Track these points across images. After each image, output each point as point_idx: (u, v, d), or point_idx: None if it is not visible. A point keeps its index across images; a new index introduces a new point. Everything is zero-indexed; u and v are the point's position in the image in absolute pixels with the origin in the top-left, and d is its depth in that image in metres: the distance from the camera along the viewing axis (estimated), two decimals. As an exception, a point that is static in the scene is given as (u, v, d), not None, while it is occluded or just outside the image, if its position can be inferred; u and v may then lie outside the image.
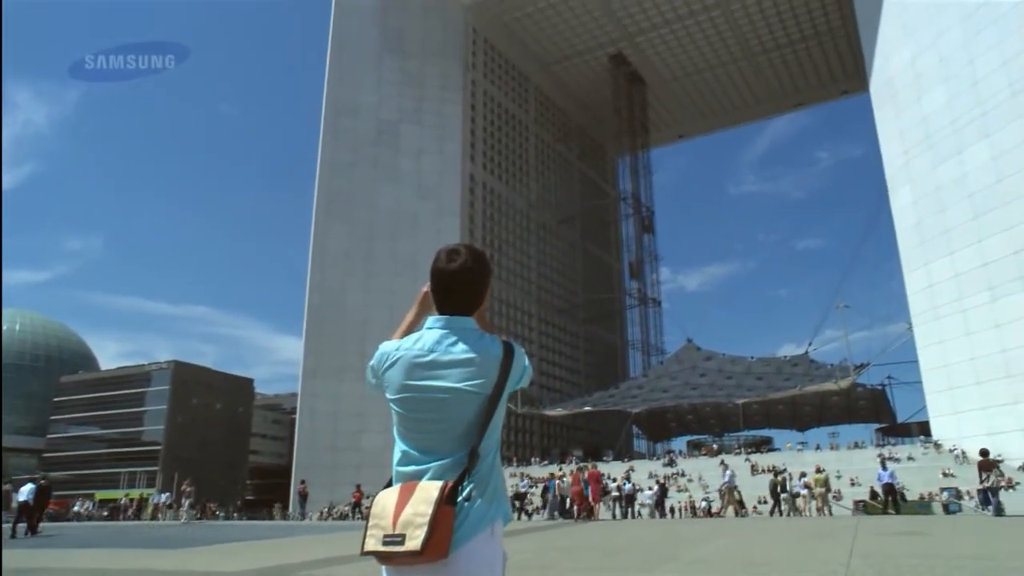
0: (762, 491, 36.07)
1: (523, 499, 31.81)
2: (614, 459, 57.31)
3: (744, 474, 45.08)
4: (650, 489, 32.29)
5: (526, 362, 2.20)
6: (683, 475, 47.67)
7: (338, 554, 10.91)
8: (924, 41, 47.35)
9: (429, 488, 1.92)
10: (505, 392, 2.08)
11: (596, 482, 24.64)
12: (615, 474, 37.14)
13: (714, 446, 63.92)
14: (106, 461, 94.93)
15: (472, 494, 1.97)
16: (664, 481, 37.53)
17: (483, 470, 2.02)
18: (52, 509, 34.18)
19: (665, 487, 32.72)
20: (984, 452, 21.20)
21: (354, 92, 69.60)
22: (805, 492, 26.80)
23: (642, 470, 47.33)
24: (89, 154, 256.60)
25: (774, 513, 27.03)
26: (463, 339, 2.09)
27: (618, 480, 30.67)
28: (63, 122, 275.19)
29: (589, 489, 23.98)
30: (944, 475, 38.98)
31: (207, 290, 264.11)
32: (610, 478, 33.29)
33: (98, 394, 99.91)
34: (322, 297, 64.03)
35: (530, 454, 69.53)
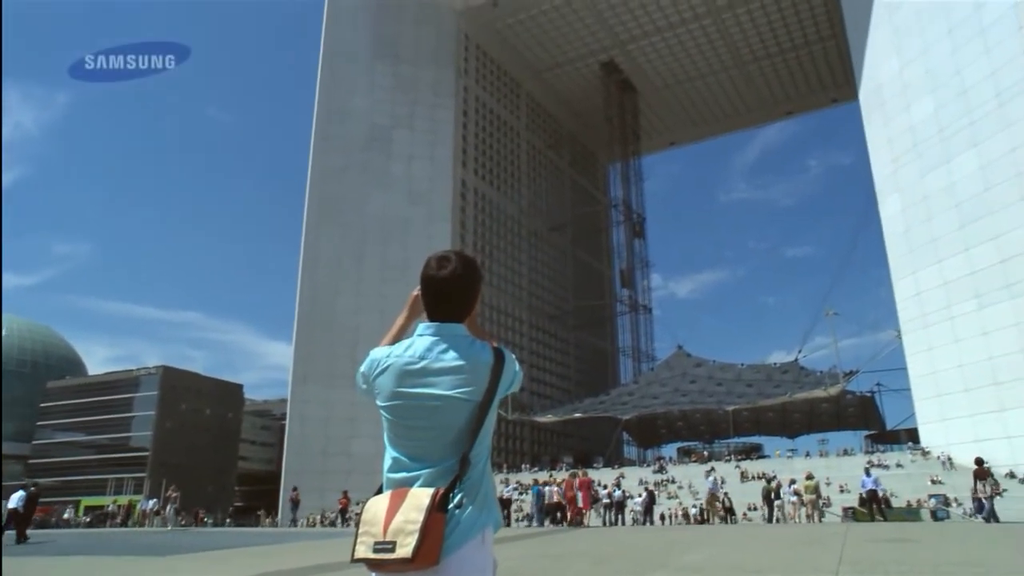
0: (752, 498, 36.21)
1: (508, 505, 31.73)
2: (604, 466, 57.32)
3: (734, 481, 45.21)
4: (639, 496, 32.26)
5: (516, 367, 2.20)
6: (673, 482, 47.72)
7: (327, 561, 10.84)
8: (912, 51, 47.82)
9: (420, 495, 1.91)
10: (496, 399, 2.08)
11: (587, 489, 24.61)
12: (605, 481, 37.10)
13: (704, 453, 63.98)
14: (93, 467, 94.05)
15: (463, 501, 1.97)
16: (652, 488, 37.46)
17: (474, 477, 2.02)
18: (37, 516, 33.82)
19: (653, 494, 32.70)
20: (979, 461, 21.36)
21: (346, 97, 69.58)
22: (795, 499, 26.88)
23: (632, 477, 47.33)
24: (78, 158, 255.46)
25: (772, 519, 27.19)
26: (454, 346, 2.09)
27: (609, 487, 30.64)
28: (52, 125, 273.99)
29: (580, 496, 23.96)
30: (932, 482, 39.21)
31: (197, 295, 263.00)
32: (601, 485, 33.25)
33: (85, 399, 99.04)
34: (313, 302, 63.82)
35: (520, 460, 69.45)
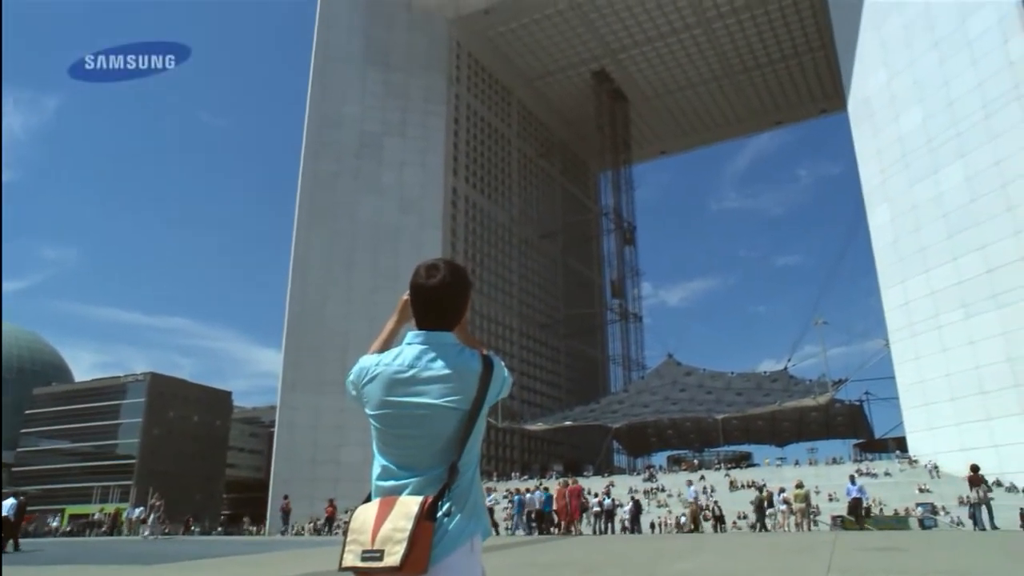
0: (741, 506, 36.25)
1: (491, 514, 31.64)
2: (594, 474, 57.22)
3: (724, 489, 45.28)
4: (628, 504, 32.21)
5: (505, 373, 2.20)
6: (663, 490, 47.70)
7: (315, 569, 10.77)
8: (900, 63, 48.32)
9: (409, 503, 1.91)
10: (484, 407, 2.08)
11: (576, 497, 24.59)
12: (595, 489, 37.02)
13: (694, 461, 64.05)
14: (78, 475, 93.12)
15: (451, 509, 1.97)
16: (637, 497, 37.40)
17: (463, 485, 2.02)
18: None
19: (639, 503, 32.64)
20: (974, 468, 21.54)
21: (338, 104, 69.53)
22: (784, 508, 26.94)
23: (622, 485, 47.28)
24: (67, 162, 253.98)
25: (762, 528, 27.26)
26: (443, 355, 2.09)
27: (599, 495, 30.59)
28: (40, 129, 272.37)
29: (570, 504, 23.95)
30: (920, 491, 39.38)
31: (186, 301, 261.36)
32: (591, 493, 33.18)
33: (72, 406, 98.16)
34: (302, 309, 63.54)
35: (510, 468, 69.28)
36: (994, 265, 40.09)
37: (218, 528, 67.10)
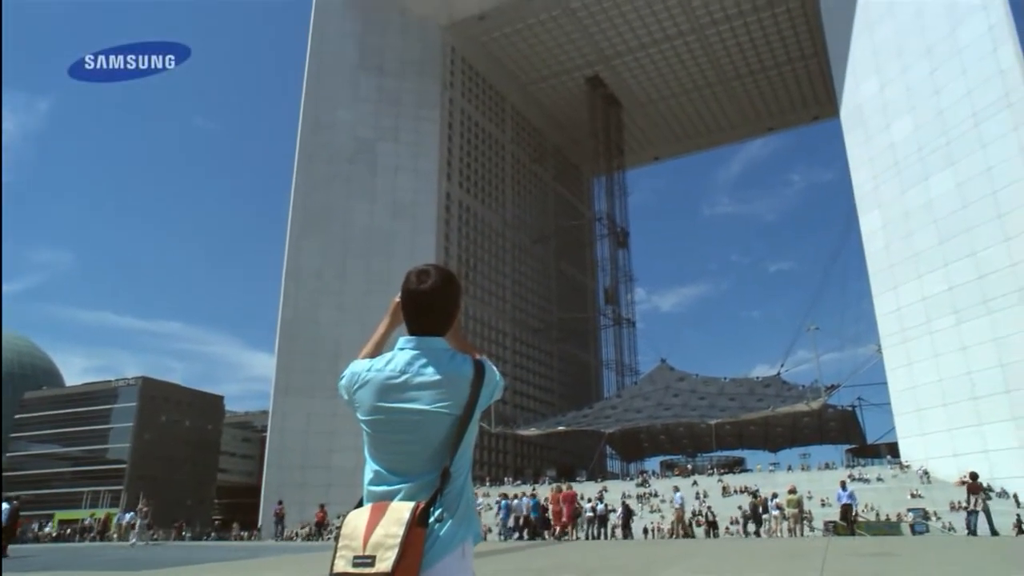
0: (734, 512, 36.26)
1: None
2: (587, 479, 57.21)
3: (716, 495, 45.33)
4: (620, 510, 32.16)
5: (497, 377, 2.20)
6: (656, 495, 47.69)
7: (307, 576, 10.72)
8: (892, 71, 48.67)
9: (401, 509, 1.90)
10: (476, 412, 2.08)
11: (570, 503, 24.54)
12: (588, 494, 36.99)
13: (688, 466, 64.10)
14: (68, 480, 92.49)
15: (443, 515, 1.96)
16: (627, 502, 37.31)
17: (454, 490, 2.01)
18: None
19: (630, 508, 32.57)
20: (973, 475, 21.60)
21: (331, 109, 69.51)
22: (777, 513, 27.00)
23: (615, 490, 47.25)
24: (59, 165, 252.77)
25: (759, 534, 27.36)
26: (434, 360, 2.09)
27: (592, 501, 30.56)
28: (33, 132, 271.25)
29: (564, 509, 23.90)
30: (912, 496, 39.50)
31: (178, 305, 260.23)
32: (585, 499, 33.14)
33: (62, 411, 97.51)
34: (295, 313, 63.38)
35: (504, 474, 69.17)
36: (985, 271, 40.35)
37: (211, 534, 66.70)
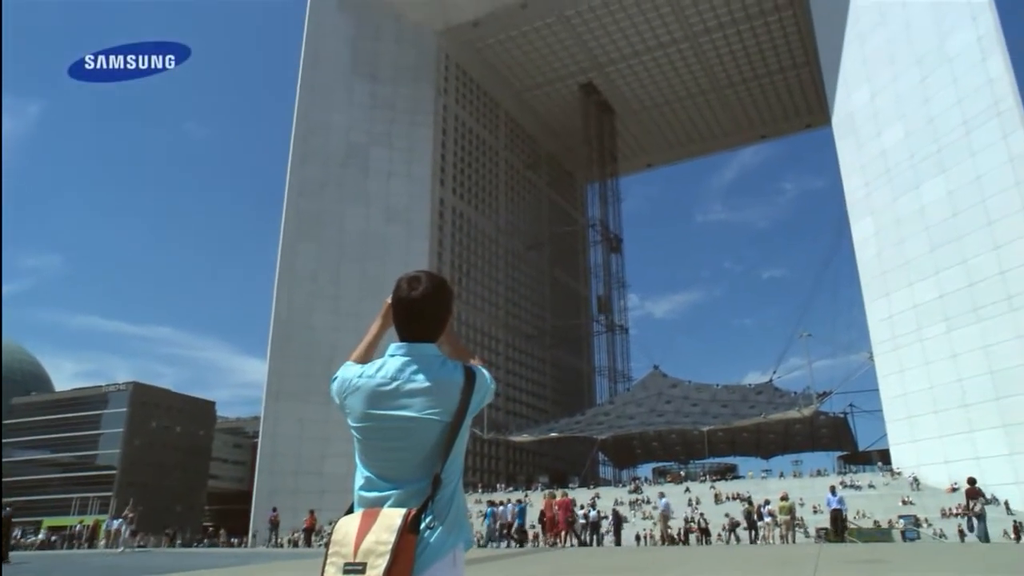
0: (726, 519, 36.26)
1: None
2: (580, 486, 57.09)
3: (709, 502, 45.32)
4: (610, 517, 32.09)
5: (488, 381, 2.19)
6: (648, 502, 47.63)
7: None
8: (883, 79, 49.00)
9: (392, 515, 1.89)
10: (467, 418, 2.08)
11: (566, 510, 24.51)
12: (581, 501, 36.92)
13: (680, 473, 64.10)
14: (57, 486, 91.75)
15: (434, 522, 1.95)
16: (617, 509, 37.23)
17: (445, 496, 2.01)
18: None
19: (620, 515, 32.52)
20: (971, 480, 21.70)
21: (325, 114, 69.45)
22: (769, 519, 27.05)
23: (608, 497, 47.22)
24: (49, 169, 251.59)
25: (754, 540, 27.40)
26: (425, 367, 2.08)
27: (584, 507, 30.51)
28: (24, 136, 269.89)
29: (559, 517, 23.87)
30: (903, 503, 39.59)
31: (169, 310, 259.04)
32: (578, 506, 33.07)
33: (52, 416, 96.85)
34: (288, 318, 63.16)
35: (495, 480, 69.00)
36: (975, 279, 40.57)
37: (203, 540, 66.29)
